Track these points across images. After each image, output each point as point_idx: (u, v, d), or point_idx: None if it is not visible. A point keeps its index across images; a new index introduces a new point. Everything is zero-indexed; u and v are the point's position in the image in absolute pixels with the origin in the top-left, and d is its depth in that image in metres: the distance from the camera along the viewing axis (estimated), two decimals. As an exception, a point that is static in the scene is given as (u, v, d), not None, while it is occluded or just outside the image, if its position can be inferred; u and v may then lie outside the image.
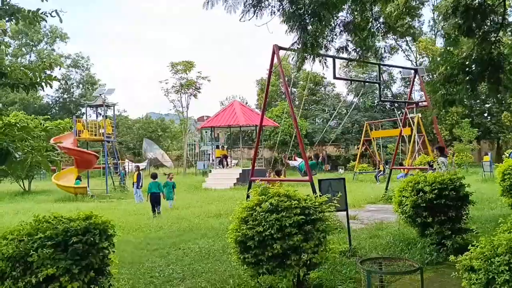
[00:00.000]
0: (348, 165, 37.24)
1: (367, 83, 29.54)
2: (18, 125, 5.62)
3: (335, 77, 12.45)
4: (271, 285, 5.43)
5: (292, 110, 11.28)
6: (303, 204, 5.19)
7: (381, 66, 16.09)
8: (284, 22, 6.62)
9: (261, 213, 5.18)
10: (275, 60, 11.49)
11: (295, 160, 22.97)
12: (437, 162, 11.02)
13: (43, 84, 6.76)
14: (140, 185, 18.10)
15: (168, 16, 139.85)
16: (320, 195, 5.68)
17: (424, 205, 7.08)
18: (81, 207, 15.67)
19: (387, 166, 28.56)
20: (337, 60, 11.34)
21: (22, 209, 14.76)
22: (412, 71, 17.42)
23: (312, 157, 20.17)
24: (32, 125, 23.91)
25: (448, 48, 8.44)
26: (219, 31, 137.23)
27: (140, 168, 20.05)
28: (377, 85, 42.88)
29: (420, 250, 7.31)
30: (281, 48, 11.57)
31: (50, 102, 48.83)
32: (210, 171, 27.12)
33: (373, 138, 28.97)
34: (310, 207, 5.22)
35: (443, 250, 7.04)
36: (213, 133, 31.48)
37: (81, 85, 49.44)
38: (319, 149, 45.99)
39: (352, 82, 43.84)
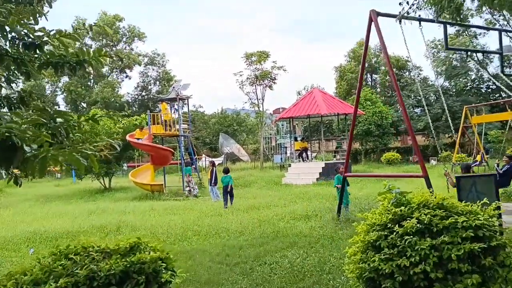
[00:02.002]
0: (438, 155, 33.50)
1: (485, 54, 25.49)
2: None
3: (447, 48, 10.19)
4: None
5: (395, 82, 9.10)
6: (476, 221, 3.15)
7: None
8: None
9: (403, 236, 3.22)
10: (372, 28, 9.34)
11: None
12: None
13: (92, 61, 5.38)
14: (214, 182, 16.81)
15: (241, 9, 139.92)
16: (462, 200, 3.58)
17: None
18: (156, 206, 14.67)
19: (487, 156, 24.91)
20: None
21: (96, 209, 14.05)
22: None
23: None
24: (110, 120, 23.92)
25: None
26: (291, 20, 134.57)
27: (216, 164, 18.76)
28: (471, 65, 38.28)
29: None
30: (379, 14, 9.42)
31: (130, 100, 50.00)
32: (290, 165, 25.31)
33: (474, 124, 25.31)
34: (485, 225, 3.18)
35: None
36: (290, 124, 29.63)
37: (157, 82, 50.08)
38: (404, 140, 42.37)
39: (442, 63, 39.73)
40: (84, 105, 44.30)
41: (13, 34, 4.76)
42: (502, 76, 12.23)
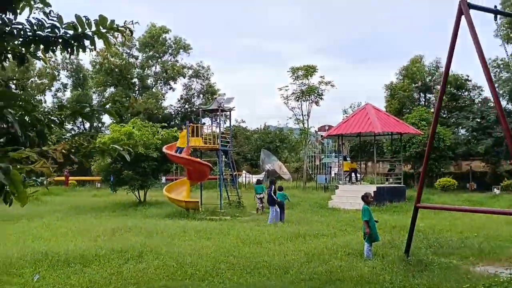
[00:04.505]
0: (500, 184, 30.24)
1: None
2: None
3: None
4: None
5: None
6: None
7: None
8: None
9: None
10: (462, 21, 7.42)
11: None
12: None
13: (95, 37, 3.85)
14: (272, 201, 15.32)
15: (287, 27, 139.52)
16: None
17: None
18: (188, 227, 13.10)
19: None
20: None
21: (123, 227, 12.64)
22: None
23: None
24: (149, 131, 22.86)
25: None
26: (336, 41, 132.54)
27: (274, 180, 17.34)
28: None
29: None
30: (471, 6, 7.51)
31: (173, 113, 49.51)
32: (337, 187, 23.21)
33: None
34: None
35: None
36: (337, 142, 27.58)
37: (201, 95, 49.36)
38: (460, 164, 39.04)
39: (506, 84, 36.44)
40: (129, 115, 44.07)
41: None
42: None
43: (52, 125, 3.20)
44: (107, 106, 3.80)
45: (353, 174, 23.61)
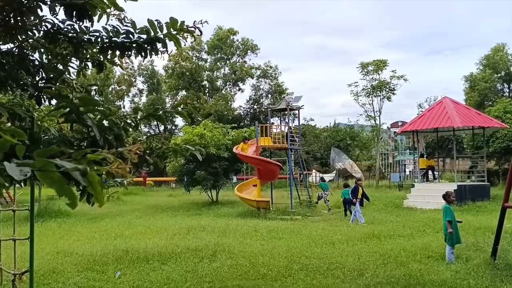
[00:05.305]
0: None
1: None
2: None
3: None
4: None
5: None
6: None
7: None
8: None
9: None
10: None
11: None
12: None
13: (166, 39, 3.94)
14: (358, 199, 15.07)
15: (354, 22, 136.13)
16: None
17: None
18: (259, 226, 13.16)
19: None
20: None
21: (197, 226, 12.97)
22: None
23: None
24: (220, 132, 23.36)
25: None
26: (405, 34, 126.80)
27: (359, 180, 17.06)
28: None
29: None
30: None
31: (242, 113, 50.26)
32: (413, 185, 22.16)
33: None
34: None
35: None
36: (412, 138, 26.32)
37: (269, 95, 49.61)
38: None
39: None
40: (200, 118, 45.45)
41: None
42: None
43: (128, 128, 3.30)
44: (179, 108, 3.85)
45: (430, 172, 22.39)
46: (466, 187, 19.54)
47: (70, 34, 3.89)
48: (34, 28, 3.71)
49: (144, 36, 3.89)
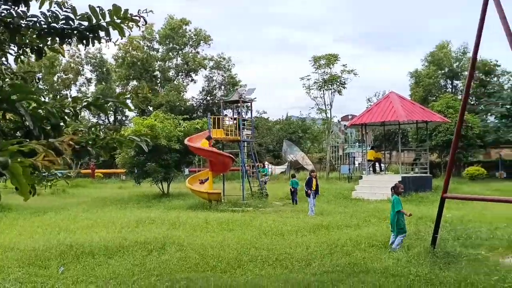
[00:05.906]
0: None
1: None
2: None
3: None
4: None
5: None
6: None
7: None
8: None
9: None
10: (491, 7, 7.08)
11: None
12: None
13: (109, 28, 3.80)
14: (312, 191, 15.33)
15: (309, 17, 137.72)
16: None
17: None
18: (210, 218, 13.13)
19: None
20: None
21: (146, 219, 12.77)
22: None
23: None
24: (171, 123, 22.96)
25: None
26: (358, 30, 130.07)
27: (312, 172, 17.12)
28: None
29: None
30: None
31: (195, 105, 49.71)
32: (360, 177, 22.90)
33: None
34: None
35: None
36: (361, 132, 27.15)
37: (222, 87, 49.37)
38: (489, 153, 37.91)
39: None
40: (151, 108, 44.45)
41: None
42: None
43: (67, 118, 3.17)
44: (126, 97, 3.73)
45: (377, 164, 23.22)
46: (410, 179, 20.45)
47: (6, 19, 3.68)
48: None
49: (86, 23, 3.74)
